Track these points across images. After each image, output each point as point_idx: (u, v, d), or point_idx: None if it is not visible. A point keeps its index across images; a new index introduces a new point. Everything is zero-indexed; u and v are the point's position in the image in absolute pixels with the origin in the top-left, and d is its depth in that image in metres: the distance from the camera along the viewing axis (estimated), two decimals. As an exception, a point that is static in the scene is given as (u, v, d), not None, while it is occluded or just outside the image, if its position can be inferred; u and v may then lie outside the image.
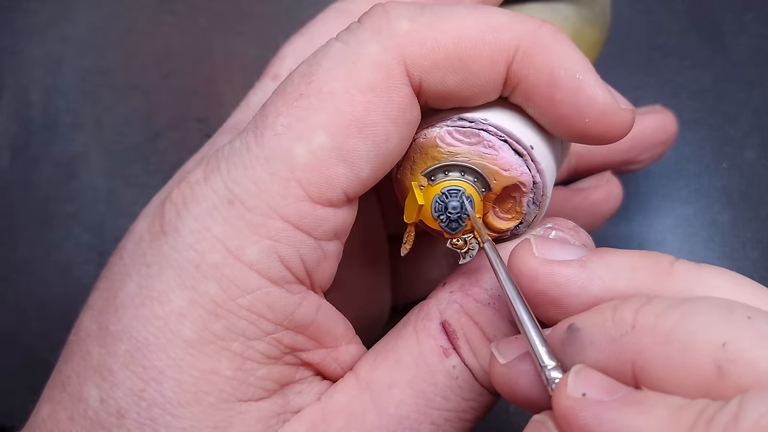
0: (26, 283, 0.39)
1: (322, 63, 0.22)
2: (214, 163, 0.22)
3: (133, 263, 0.22)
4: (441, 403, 0.22)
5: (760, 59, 0.40)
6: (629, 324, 0.18)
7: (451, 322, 0.23)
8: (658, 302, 0.18)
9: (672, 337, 0.17)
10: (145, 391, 0.21)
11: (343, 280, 0.23)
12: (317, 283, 0.23)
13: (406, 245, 0.23)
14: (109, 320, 0.22)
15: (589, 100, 0.21)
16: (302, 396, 0.23)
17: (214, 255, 0.21)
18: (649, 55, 0.40)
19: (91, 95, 0.42)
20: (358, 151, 0.21)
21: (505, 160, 0.22)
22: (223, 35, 0.42)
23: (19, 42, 0.42)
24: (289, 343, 0.22)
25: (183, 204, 0.22)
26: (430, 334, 0.23)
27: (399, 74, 0.21)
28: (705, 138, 0.39)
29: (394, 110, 0.21)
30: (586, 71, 0.21)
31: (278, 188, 0.21)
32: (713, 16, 0.40)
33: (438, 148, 0.22)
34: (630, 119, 0.22)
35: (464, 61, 0.21)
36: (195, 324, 0.21)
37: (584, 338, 0.19)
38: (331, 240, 0.22)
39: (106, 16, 0.43)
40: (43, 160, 0.41)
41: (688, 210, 0.37)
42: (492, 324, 0.22)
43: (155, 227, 0.22)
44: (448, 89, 0.22)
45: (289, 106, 0.21)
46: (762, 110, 0.39)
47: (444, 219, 0.22)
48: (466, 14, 0.22)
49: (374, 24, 0.22)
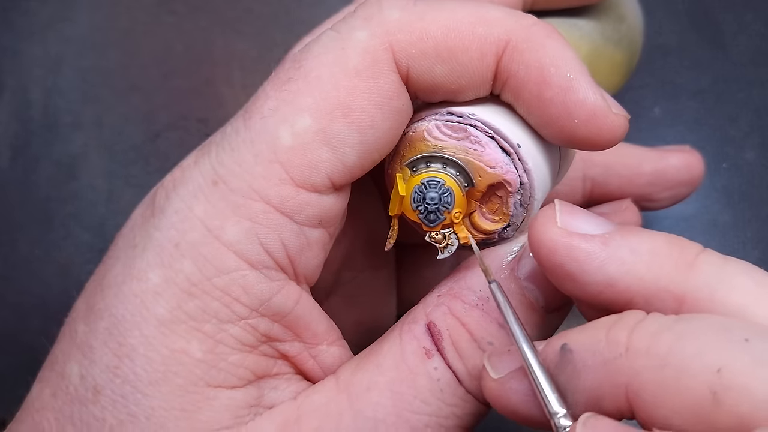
0: (26, 282, 0.39)
1: (312, 49, 0.22)
2: (206, 148, 0.22)
3: (124, 246, 0.22)
4: (420, 407, 0.21)
5: (760, 59, 0.40)
6: (623, 346, 0.18)
7: (436, 323, 0.22)
8: (653, 321, 0.18)
9: (667, 361, 0.17)
10: (119, 368, 0.21)
11: (345, 286, 0.23)
12: (301, 272, 0.22)
13: (390, 240, 0.23)
14: (95, 300, 0.22)
15: (578, 100, 0.21)
16: (277, 392, 0.22)
17: (194, 234, 0.21)
18: (649, 55, 0.40)
19: (91, 95, 0.42)
20: (343, 135, 0.21)
21: (491, 156, 0.22)
22: (223, 35, 0.42)
23: (19, 42, 0.42)
24: (264, 331, 0.22)
25: (172, 186, 0.22)
26: (414, 336, 0.22)
27: (386, 60, 0.21)
28: (705, 138, 0.39)
29: (380, 96, 0.21)
30: (577, 72, 0.21)
31: (261, 170, 0.21)
32: (713, 16, 0.40)
33: (425, 141, 0.22)
34: (622, 124, 0.21)
35: (453, 51, 0.21)
36: (169, 302, 0.21)
37: (577, 361, 0.18)
38: (315, 227, 0.22)
39: (106, 16, 0.43)
40: (43, 160, 0.41)
41: (688, 210, 0.37)
42: (479, 326, 0.22)
43: (147, 211, 0.22)
44: (435, 80, 0.22)
45: (277, 90, 0.21)
46: (762, 110, 0.39)
47: (422, 210, 0.22)
48: (459, 6, 0.21)
49: (366, 12, 0.22)
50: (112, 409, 0.21)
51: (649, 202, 0.33)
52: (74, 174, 0.40)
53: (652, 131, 0.38)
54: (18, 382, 0.24)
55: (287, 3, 0.43)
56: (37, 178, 0.40)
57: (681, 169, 0.32)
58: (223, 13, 0.43)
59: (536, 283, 0.22)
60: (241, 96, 0.28)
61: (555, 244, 0.20)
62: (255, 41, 0.42)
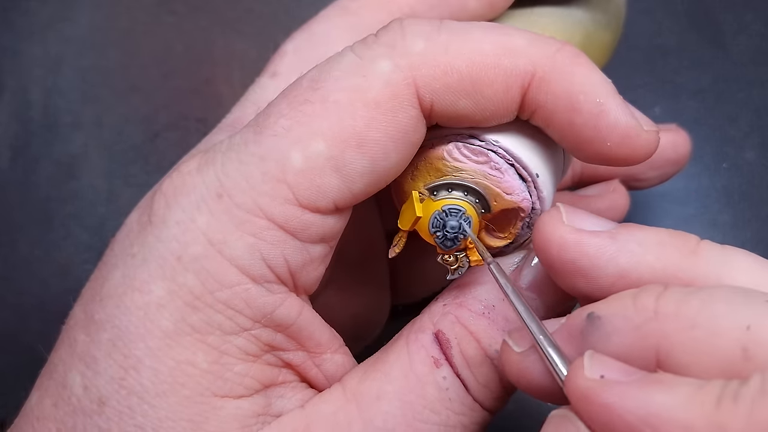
0: (26, 283, 0.39)
1: (332, 72, 0.21)
2: (211, 155, 0.22)
3: (121, 253, 0.22)
4: (429, 417, 0.22)
5: (760, 59, 0.40)
6: (651, 310, 0.18)
7: (445, 332, 0.22)
8: (676, 289, 0.18)
9: (697, 322, 0.17)
10: (125, 379, 0.21)
11: (339, 279, 0.23)
12: (301, 285, 0.22)
13: (396, 248, 0.23)
14: (95, 309, 0.22)
15: (610, 124, 0.21)
16: (284, 400, 0.22)
17: (196, 247, 0.21)
18: (649, 55, 0.40)
19: (91, 95, 0.42)
20: (354, 165, 0.21)
21: (509, 184, 0.22)
22: (223, 35, 0.42)
23: (19, 42, 0.42)
24: (267, 341, 0.22)
25: (173, 194, 0.22)
26: (422, 345, 0.22)
27: (407, 95, 0.21)
28: (705, 138, 0.39)
29: (397, 130, 0.21)
30: (607, 95, 0.21)
31: (268, 188, 0.21)
32: (713, 16, 0.40)
33: (444, 161, 0.22)
34: (654, 140, 0.21)
35: (478, 85, 0.21)
36: (173, 315, 0.21)
37: (607, 326, 0.19)
38: (318, 243, 0.22)
39: (106, 16, 0.43)
40: (43, 160, 0.41)
41: (688, 210, 0.37)
42: (487, 334, 0.22)
43: (144, 217, 0.22)
44: (459, 112, 0.21)
45: (293, 109, 0.21)
46: (762, 110, 0.39)
47: (440, 236, 0.22)
48: (483, 36, 0.21)
49: (389, 40, 0.21)
50: (118, 420, 0.21)
51: (637, 181, 0.34)
52: (74, 174, 0.40)
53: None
54: (18, 382, 0.24)
55: (287, 3, 0.43)
56: (37, 178, 0.40)
57: (668, 148, 0.33)
58: (223, 13, 0.43)
59: (537, 291, 0.23)
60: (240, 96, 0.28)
61: (565, 241, 0.20)
62: (255, 41, 0.42)
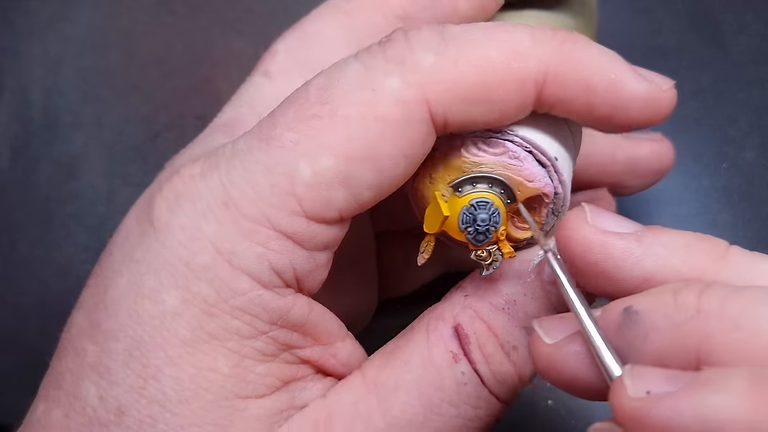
0: (26, 283, 0.39)
1: (340, 84, 0.21)
2: (213, 161, 0.22)
3: (123, 259, 0.22)
4: (447, 409, 0.22)
5: (760, 59, 0.40)
6: (694, 308, 0.18)
7: (464, 326, 0.22)
8: (719, 287, 0.18)
9: (740, 324, 0.17)
10: (144, 388, 0.21)
11: (332, 279, 0.23)
12: (306, 288, 0.23)
13: (425, 254, 0.23)
14: (101, 317, 0.22)
15: (630, 95, 0.21)
16: (307, 392, 0.23)
17: (205, 256, 0.21)
18: (649, 55, 0.40)
19: (91, 95, 0.42)
20: (363, 178, 0.21)
21: (530, 171, 0.22)
22: (223, 35, 0.42)
23: (19, 42, 0.42)
24: (285, 341, 0.22)
25: (175, 199, 0.22)
26: (441, 337, 0.22)
27: (418, 112, 0.21)
28: (705, 138, 0.38)
29: (407, 146, 0.21)
30: (619, 69, 0.21)
31: (276, 200, 0.21)
32: (713, 16, 0.40)
33: (462, 158, 0.22)
34: (673, 96, 0.22)
35: (489, 91, 0.21)
36: (190, 323, 0.21)
37: (645, 322, 0.18)
38: (323, 251, 0.22)
39: (106, 16, 0.43)
40: (43, 160, 0.41)
41: (688, 210, 0.37)
42: (506, 330, 0.22)
43: (143, 221, 0.22)
44: (474, 118, 0.22)
45: (301, 122, 0.21)
46: (762, 110, 0.39)
47: (471, 231, 0.22)
48: (490, 41, 0.21)
49: (397, 54, 0.21)
50: (138, 429, 0.21)
51: (621, 188, 0.34)
52: (74, 174, 0.40)
53: (651, 131, 0.38)
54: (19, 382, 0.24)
55: (286, 2, 0.43)
56: (37, 178, 0.40)
57: (652, 158, 0.33)
58: (223, 13, 0.43)
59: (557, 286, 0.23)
60: (239, 95, 0.28)
61: (590, 242, 0.20)
62: (255, 41, 0.42)
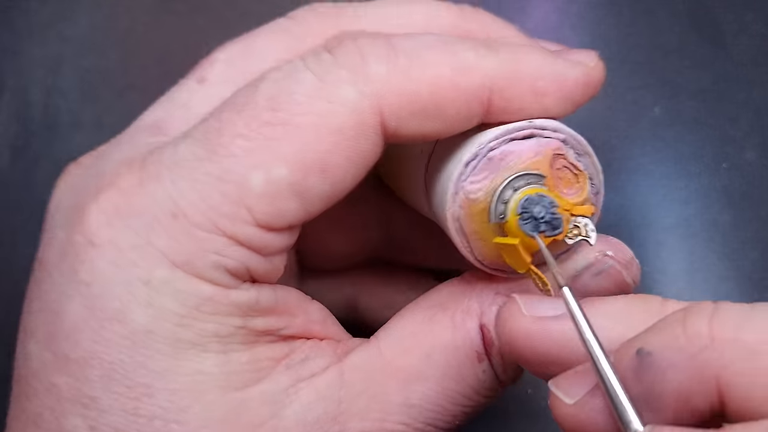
0: (26, 282, 0.39)
1: (293, 94, 0.21)
2: (153, 169, 0.22)
3: (67, 281, 0.21)
4: (463, 401, 0.23)
5: (761, 59, 0.40)
6: (707, 337, 0.17)
7: (489, 329, 0.23)
8: (728, 308, 0.18)
9: (758, 349, 0.17)
10: (139, 408, 0.21)
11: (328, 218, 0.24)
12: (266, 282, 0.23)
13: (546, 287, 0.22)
14: (65, 347, 0.21)
15: (573, 86, 0.23)
16: (310, 361, 0.23)
17: (161, 271, 0.21)
18: (649, 55, 0.40)
19: (91, 95, 0.42)
20: (315, 189, 0.21)
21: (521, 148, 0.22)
22: (223, 35, 0.42)
23: (19, 42, 0.42)
24: (263, 327, 0.22)
25: (115, 213, 0.21)
26: (467, 334, 0.23)
27: (372, 124, 0.21)
28: (705, 138, 0.38)
29: (359, 156, 0.22)
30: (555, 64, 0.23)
31: (227, 210, 0.21)
32: (713, 16, 0.40)
33: (477, 202, 0.22)
34: (602, 67, 0.23)
35: (440, 108, 0.22)
36: (166, 338, 0.21)
37: (660, 362, 0.18)
38: (277, 255, 0.22)
39: (106, 16, 0.43)
40: (43, 160, 0.41)
41: (688, 210, 0.37)
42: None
43: (78, 237, 0.21)
44: (424, 132, 0.22)
45: (252, 129, 0.21)
46: (762, 110, 0.39)
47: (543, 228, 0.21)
48: (437, 54, 0.22)
49: (349, 62, 0.21)
50: None
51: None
52: (74, 174, 0.40)
53: (652, 131, 0.38)
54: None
55: (285, 5, 0.43)
56: (37, 178, 0.40)
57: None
58: (222, 14, 0.43)
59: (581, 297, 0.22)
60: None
61: (529, 331, 0.20)
62: (255, 41, 0.42)
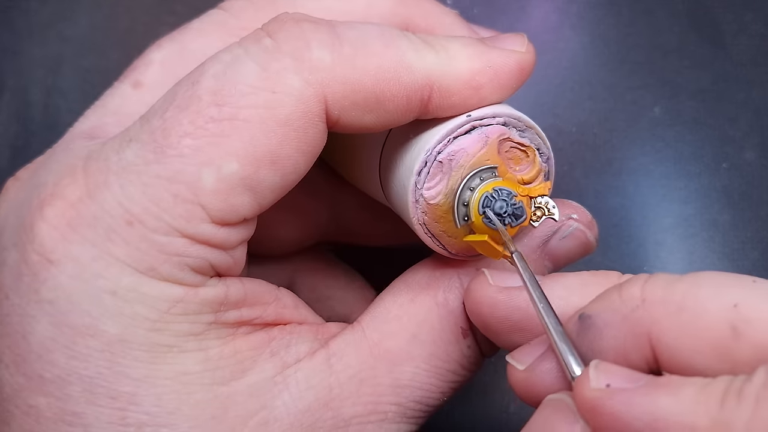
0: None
1: (237, 85, 0.21)
2: (99, 176, 0.21)
3: (27, 302, 0.21)
4: (451, 377, 0.24)
5: (760, 59, 0.40)
6: (638, 299, 0.19)
7: None
8: (661, 276, 0.19)
9: (683, 305, 0.18)
10: (126, 417, 0.20)
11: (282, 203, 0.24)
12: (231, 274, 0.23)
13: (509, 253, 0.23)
14: (37, 368, 0.20)
15: (508, 76, 0.23)
16: (293, 347, 0.23)
17: (127, 279, 0.20)
18: (649, 55, 0.40)
19: (91, 95, 0.41)
20: (267, 182, 0.21)
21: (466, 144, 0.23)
22: (223, 35, 0.42)
23: (19, 42, 0.42)
24: (236, 319, 0.22)
25: (68, 226, 0.21)
26: (451, 312, 0.24)
27: (318, 112, 0.21)
28: (705, 138, 0.39)
29: (307, 145, 0.22)
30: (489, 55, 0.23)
31: (181, 210, 0.21)
32: (713, 16, 0.40)
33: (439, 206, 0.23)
34: (533, 51, 0.24)
35: (382, 102, 0.22)
36: (141, 344, 0.21)
37: (598, 322, 0.19)
38: (237, 247, 0.22)
39: (106, 16, 0.43)
40: (43, 160, 0.40)
41: (688, 210, 0.37)
42: None
43: (32, 256, 0.21)
44: (363, 125, 0.22)
45: (198, 127, 0.21)
46: (762, 110, 0.39)
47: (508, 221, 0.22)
48: (382, 47, 0.22)
49: (293, 49, 0.21)
50: None
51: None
52: (74, 174, 0.40)
53: (651, 131, 0.38)
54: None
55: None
56: (37, 178, 0.40)
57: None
58: (223, 13, 0.43)
59: (552, 260, 0.25)
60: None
61: (496, 300, 0.22)
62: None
